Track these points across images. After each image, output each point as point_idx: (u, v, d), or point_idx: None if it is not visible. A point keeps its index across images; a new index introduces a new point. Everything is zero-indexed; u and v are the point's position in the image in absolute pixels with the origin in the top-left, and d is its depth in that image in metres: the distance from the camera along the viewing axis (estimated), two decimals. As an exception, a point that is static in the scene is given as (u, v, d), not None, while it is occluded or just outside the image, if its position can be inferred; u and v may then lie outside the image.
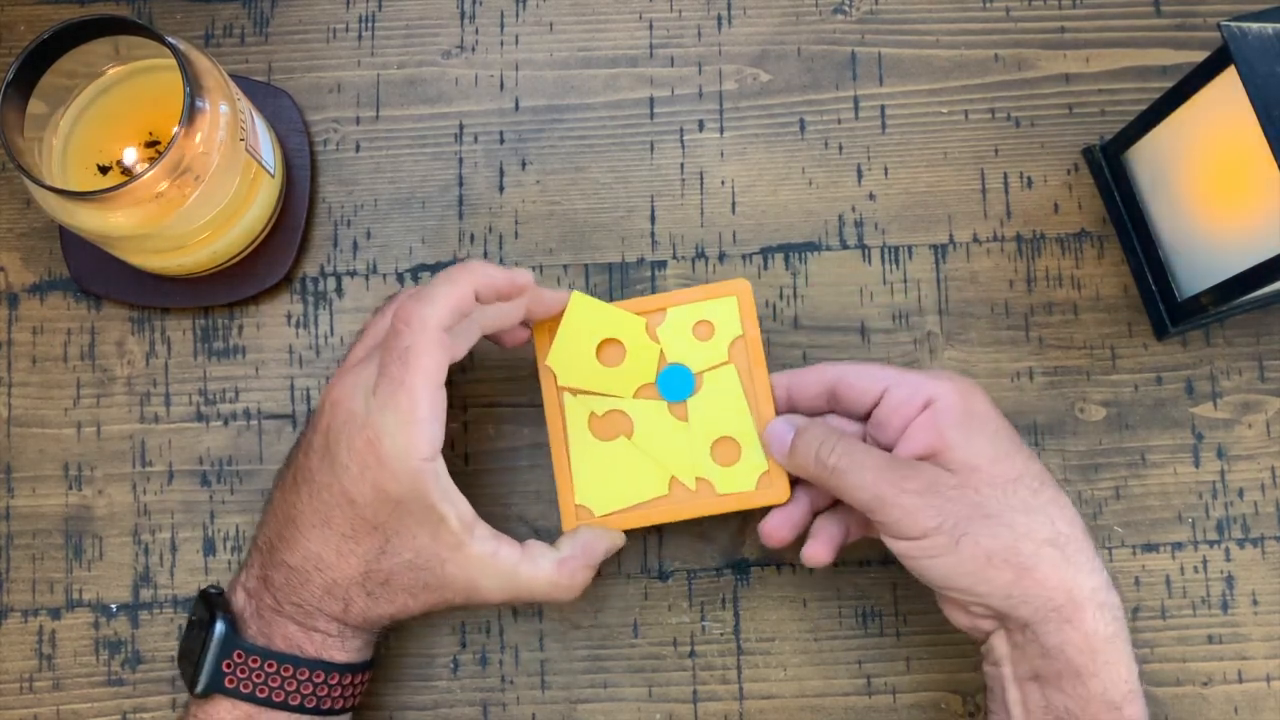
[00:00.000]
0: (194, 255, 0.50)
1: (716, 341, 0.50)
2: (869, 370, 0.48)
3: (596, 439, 0.49)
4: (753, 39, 0.57)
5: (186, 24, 0.56)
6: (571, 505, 0.49)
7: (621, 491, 0.49)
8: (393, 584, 0.44)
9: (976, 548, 0.42)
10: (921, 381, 0.46)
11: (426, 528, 0.43)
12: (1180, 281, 0.53)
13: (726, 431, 0.49)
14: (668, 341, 0.50)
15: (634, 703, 0.52)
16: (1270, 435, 0.54)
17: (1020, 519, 0.43)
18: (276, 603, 0.45)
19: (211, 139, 0.46)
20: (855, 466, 0.44)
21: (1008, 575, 0.42)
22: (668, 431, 0.49)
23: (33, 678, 0.52)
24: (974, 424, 0.45)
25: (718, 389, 0.49)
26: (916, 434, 0.45)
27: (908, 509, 0.43)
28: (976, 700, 0.52)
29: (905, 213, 0.55)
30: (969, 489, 0.43)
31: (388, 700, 0.52)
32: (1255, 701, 0.52)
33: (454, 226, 0.55)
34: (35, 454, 0.53)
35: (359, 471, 0.43)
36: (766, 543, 0.49)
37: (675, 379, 0.50)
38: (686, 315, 0.50)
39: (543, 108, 0.56)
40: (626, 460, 0.49)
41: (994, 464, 0.44)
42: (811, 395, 0.49)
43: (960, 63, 0.57)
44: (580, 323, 0.49)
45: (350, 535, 0.44)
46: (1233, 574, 0.53)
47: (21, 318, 0.55)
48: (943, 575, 0.43)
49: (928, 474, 0.44)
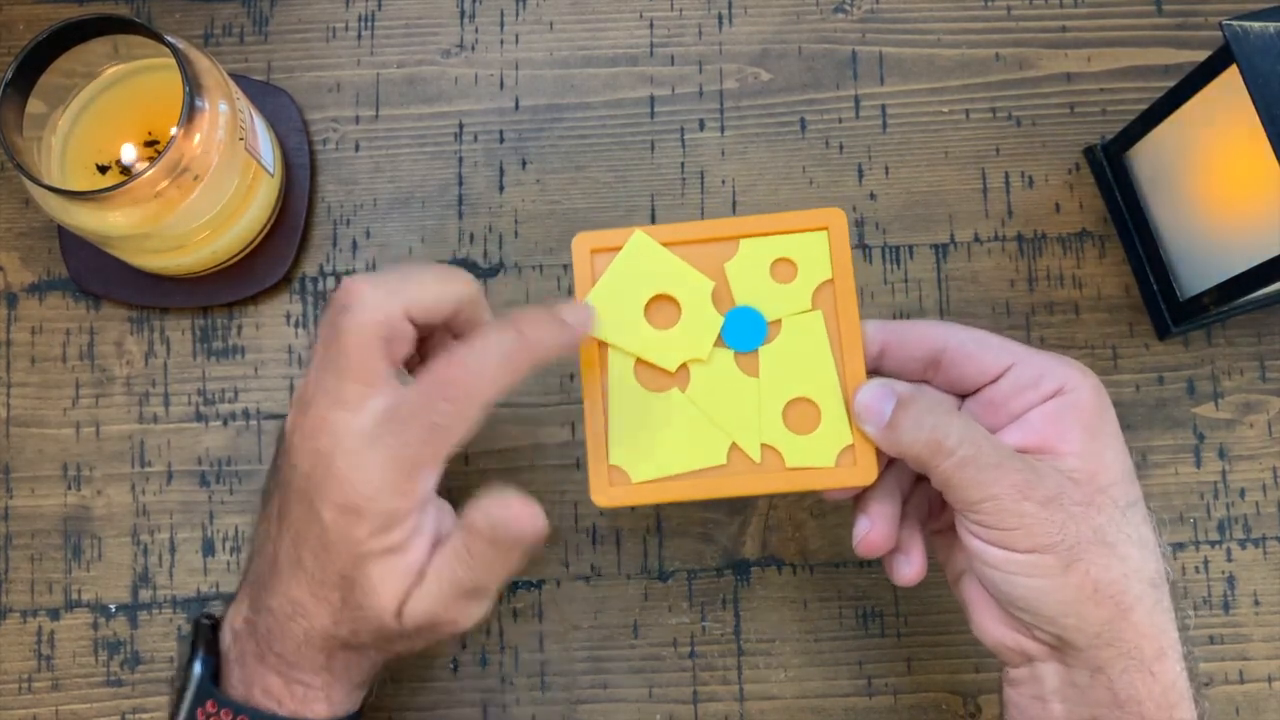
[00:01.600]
0: (193, 255, 0.50)
1: (799, 285, 0.41)
2: (990, 340, 0.40)
3: (642, 388, 0.41)
4: (753, 38, 0.57)
5: (186, 23, 0.56)
6: (604, 468, 0.41)
7: (668, 455, 0.40)
8: (361, 634, 0.40)
9: (1086, 577, 0.37)
10: (1051, 365, 0.39)
11: (387, 586, 0.39)
12: (1182, 281, 0.53)
13: (804, 392, 0.41)
14: (738, 281, 0.41)
15: (634, 703, 0.52)
16: (1272, 435, 0.54)
17: (1134, 552, 0.38)
18: (260, 650, 0.41)
19: (211, 138, 0.45)
20: (981, 458, 0.37)
21: (1106, 613, 0.37)
22: (732, 387, 0.41)
23: (31, 678, 0.52)
24: (1105, 430, 0.39)
25: (797, 339, 0.41)
26: (1036, 424, 0.39)
27: (1027, 520, 0.37)
28: (978, 701, 0.52)
29: (906, 212, 0.55)
30: (1093, 508, 0.38)
31: (387, 701, 0.52)
32: (1256, 702, 0.52)
33: (454, 226, 0.55)
34: (34, 454, 0.53)
35: (332, 518, 0.38)
36: (864, 555, 0.41)
37: (744, 324, 0.41)
38: (764, 251, 0.41)
39: (543, 107, 0.56)
40: (678, 418, 0.41)
41: (1119, 483, 0.38)
42: (912, 358, 0.41)
43: (961, 62, 0.56)
44: (635, 267, 0.41)
45: (323, 581, 0.39)
46: (1234, 574, 0.53)
47: (20, 317, 0.54)
48: (1032, 598, 0.38)
49: (1052, 481, 0.38)
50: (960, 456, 0.37)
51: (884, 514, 0.41)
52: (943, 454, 0.37)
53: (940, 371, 0.41)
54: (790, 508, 0.53)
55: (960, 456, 0.37)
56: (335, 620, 0.39)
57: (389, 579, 0.39)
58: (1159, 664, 0.38)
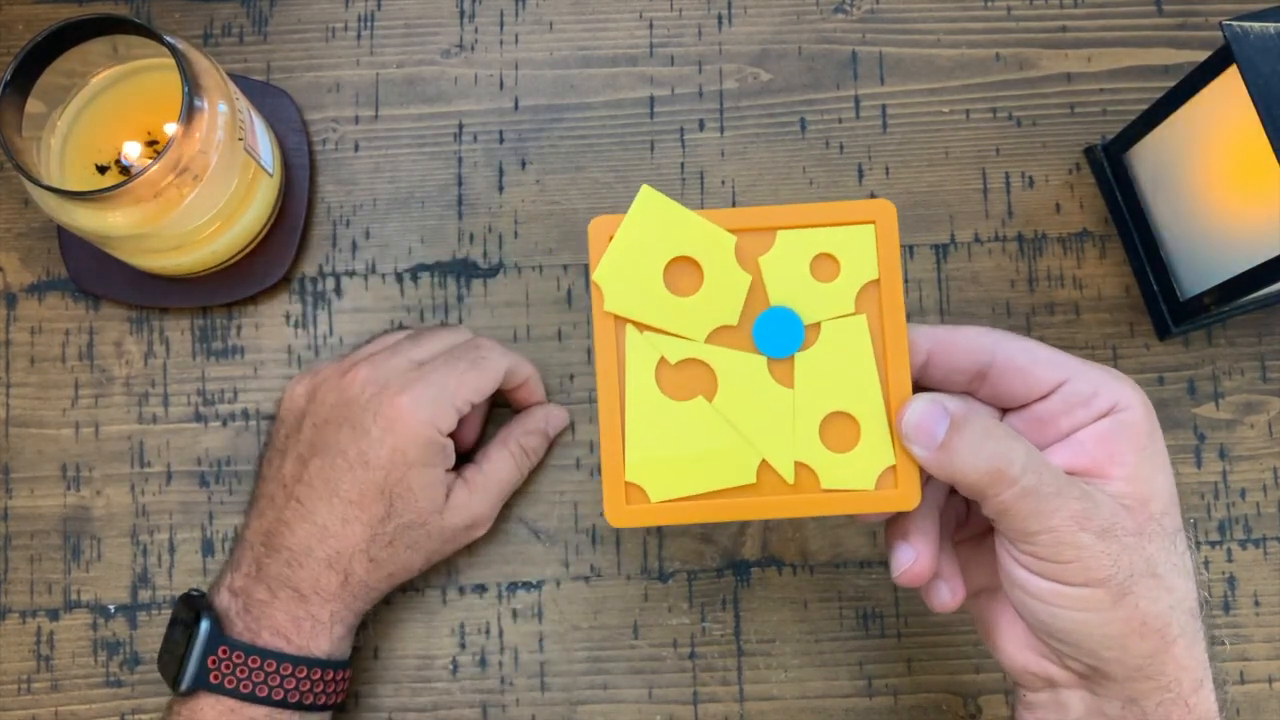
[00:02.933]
0: (192, 255, 0.50)
1: (841, 285, 0.37)
2: (1040, 353, 0.37)
3: (665, 396, 0.37)
4: (753, 38, 0.57)
5: (185, 23, 0.56)
6: (620, 483, 0.37)
7: (691, 472, 0.37)
8: (396, 544, 0.47)
9: (1135, 611, 0.35)
10: (1105, 381, 0.37)
11: (428, 493, 0.47)
12: (1182, 281, 0.53)
13: (843, 406, 0.37)
14: (773, 276, 0.37)
15: (634, 704, 0.52)
16: (1272, 435, 0.54)
17: (1180, 582, 0.36)
18: (270, 592, 0.46)
19: (210, 139, 0.45)
20: (1043, 488, 0.35)
21: (1150, 646, 0.35)
22: (764, 397, 0.37)
23: (31, 679, 0.52)
24: (1156, 453, 0.37)
25: (838, 346, 0.37)
26: (1087, 445, 0.36)
27: (1084, 552, 0.35)
28: (978, 702, 0.52)
29: (906, 212, 0.55)
30: (1144, 537, 0.36)
31: (387, 702, 0.52)
32: (1257, 703, 0.52)
33: (453, 226, 0.55)
34: (33, 454, 0.53)
35: (380, 434, 0.46)
36: (906, 585, 0.39)
37: (778, 327, 0.37)
38: (803, 244, 0.37)
39: (542, 107, 0.56)
40: (703, 430, 0.37)
41: (1168, 509, 0.37)
42: (959, 369, 0.38)
43: (961, 62, 0.56)
44: (647, 228, 0.37)
45: (356, 501, 0.46)
46: (1235, 575, 0.53)
47: (20, 318, 0.54)
48: (1077, 630, 0.36)
49: (1107, 510, 0.35)
50: (1023, 486, 0.35)
51: (928, 540, 0.39)
52: (1005, 483, 0.35)
53: (987, 384, 0.38)
54: (790, 508, 0.53)
55: (1023, 486, 0.35)
56: (372, 533, 0.47)
57: (432, 485, 0.47)
58: (1195, 696, 0.36)
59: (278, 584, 0.46)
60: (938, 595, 0.40)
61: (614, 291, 0.37)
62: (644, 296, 0.37)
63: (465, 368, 0.48)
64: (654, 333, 0.37)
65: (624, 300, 0.37)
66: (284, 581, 0.46)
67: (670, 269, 0.37)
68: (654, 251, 0.37)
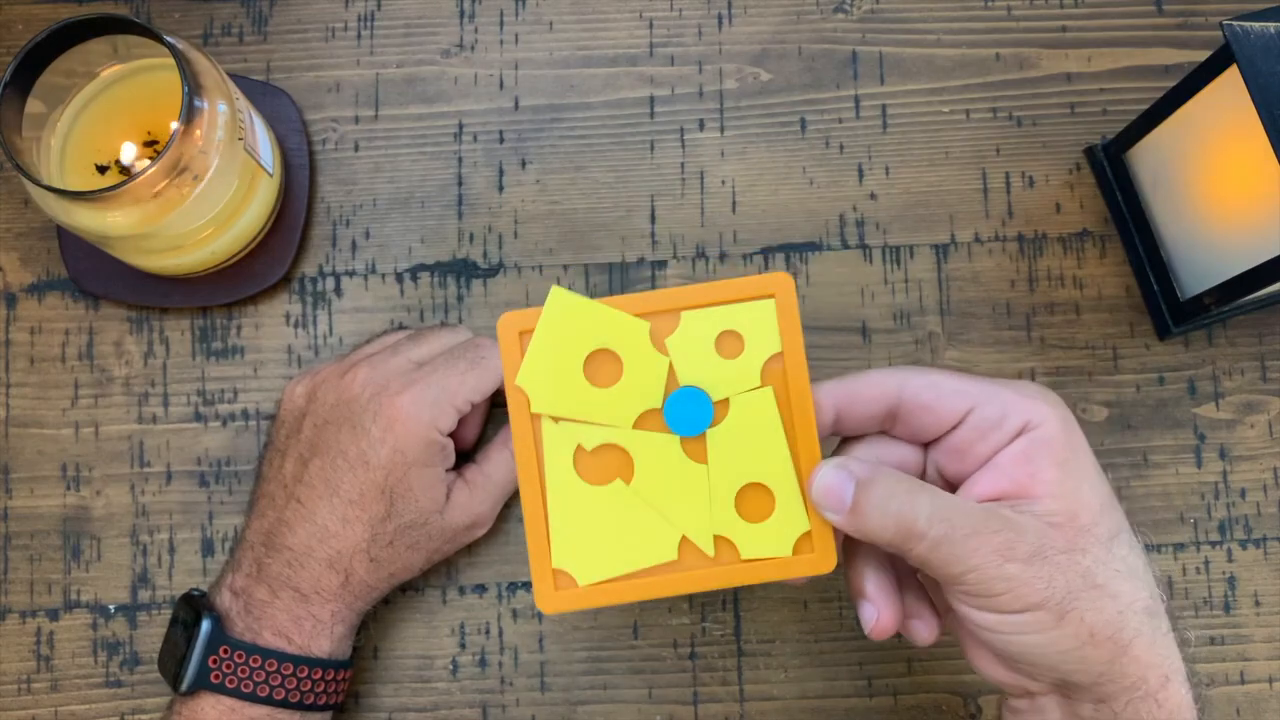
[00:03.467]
0: (192, 255, 0.50)
1: (747, 360, 0.38)
2: (948, 384, 0.38)
3: (583, 482, 0.38)
4: (753, 38, 0.57)
5: (185, 23, 0.56)
6: (548, 571, 0.38)
7: (615, 554, 0.38)
8: (396, 544, 0.47)
9: (1080, 625, 0.36)
10: (1013, 400, 0.37)
11: (428, 493, 0.47)
12: (1182, 281, 0.53)
13: (756, 477, 0.38)
14: (680, 356, 0.38)
15: (634, 704, 0.52)
16: (1272, 435, 0.54)
17: (1125, 586, 0.36)
18: (271, 592, 0.46)
19: (210, 138, 0.45)
20: (956, 534, 0.35)
21: (1106, 654, 0.36)
22: (679, 475, 0.38)
23: (30, 679, 0.52)
24: (1079, 463, 0.37)
25: (746, 420, 0.38)
26: (1005, 468, 0.37)
27: (1013, 582, 0.35)
28: (978, 701, 0.52)
29: (906, 212, 0.55)
30: (1077, 552, 0.36)
31: (387, 702, 0.52)
32: (1257, 703, 0.52)
33: (453, 226, 0.55)
34: (33, 454, 0.53)
35: (380, 434, 0.46)
36: (878, 638, 0.40)
37: (688, 405, 0.38)
38: (707, 323, 0.38)
39: (542, 107, 0.56)
40: (623, 513, 0.38)
41: (1099, 517, 0.37)
42: (869, 415, 0.39)
43: (962, 62, 0.56)
44: (562, 327, 0.38)
45: (357, 501, 0.46)
46: (1235, 575, 0.53)
47: (19, 318, 0.54)
48: (1030, 653, 0.36)
49: (1033, 534, 0.36)
50: (932, 538, 0.35)
51: (884, 593, 0.39)
52: (915, 537, 0.35)
53: (899, 422, 0.39)
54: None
55: (932, 538, 0.35)
56: (373, 533, 0.47)
57: (432, 485, 0.47)
58: (1164, 691, 0.37)
59: (279, 584, 0.46)
60: (915, 635, 0.41)
61: (539, 393, 0.38)
62: (568, 393, 0.38)
63: (465, 368, 0.48)
64: (569, 422, 0.38)
65: (550, 400, 0.38)
66: (285, 581, 0.46)
67: (590, 362, 0.38)
68: (572, 348, 0.38)
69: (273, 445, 0.49)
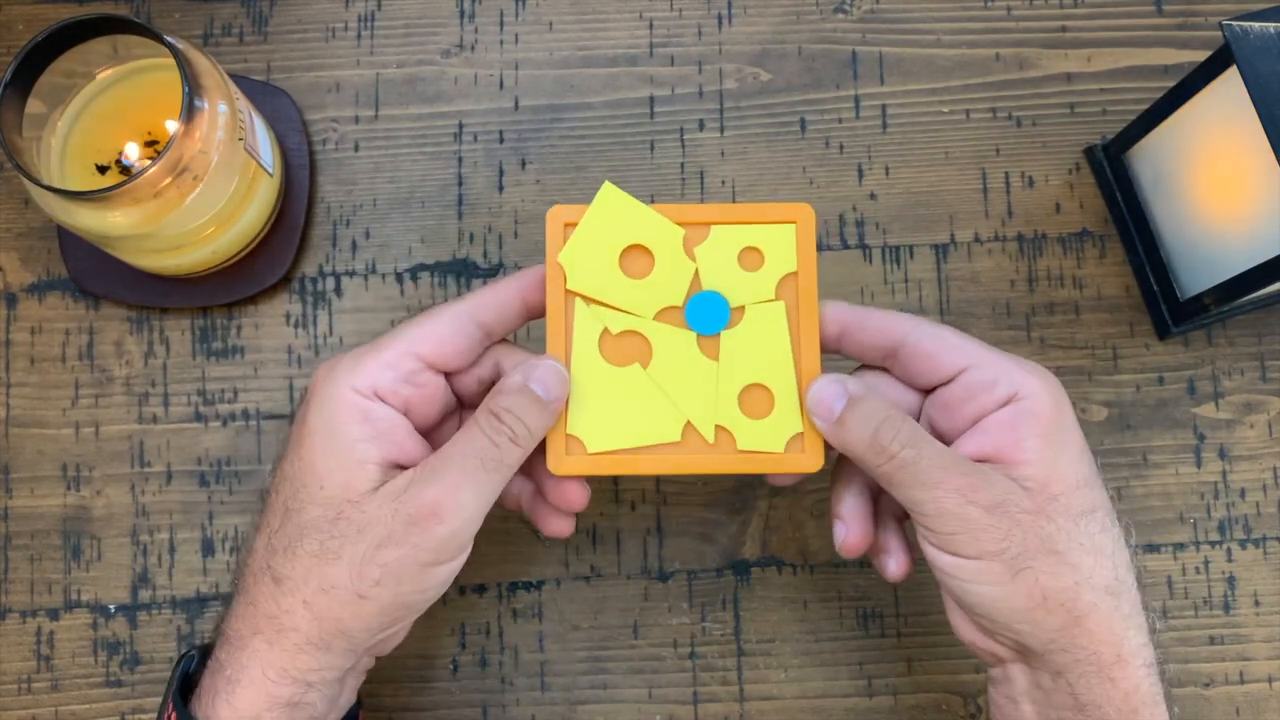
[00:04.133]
0: (192, 255, 0.50)
1: (764, 274, 0.42)
2: (948, 339, 0.40)
3: (605, 362, 0.42)
4: (753, 38, 0.57)
5: (185, 23, 0.56)
6: (562, 436, 0.41)
7: (625, 429, 0.41)
8: (299, 553, 0.37)
9: (1034, 585, 0.37)
10: (1008, 369, 0.39)
11: (335, 472, 0.37)
12: (1182, 281, 0.53)
13: (760, 379, 0.42)
14: (706, 264, 0.42)
15: (634, 704, 0.52)
16: (1272, 435, 0.54)
17: (1086, 560, 0.38)
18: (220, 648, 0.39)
19: (210, 138, 0.45)
20: (922, 461, 0.38)
21: (1059, 620, 0.37)
22: (692, 368, 0.42)
23: (30, 679, 0.52)
24: (1062, 438, 0.39)
25: (758, 327, 0.42)
26: (991, 432, 0.39)
27: (970, 524, 0.37)
28: (978, 701, 0.52)
29: (906, 212, 0.55)
30: (1042, 516, 0.37)
31: (386, 701, 0.52)
32: (1257, 703, 0.52)
33: (453, 226, 0.55)
34: (33, 454, 0.53)
35: (299, 413, 0.39)
36: (847, 555, 0.43)
37: (707, 308, 0.42)
38: (733, 238, 0.42)
39: (542, 107, 0.56)
40: (637, 393, 0.42)
41: (1073, 491, 0.38)
42: (870, 345, 0.42)
43: (962, 62, 0.56)
44: (606, 220, 0.42)
45: (265, 506, 0.40)
46: (1234, 575, 0.53)
47: (20, 318, 0.54)
48: (984, 604, 0.38)
49: (1000, 487, 0.37)
50: (901, 458, 0.38)
51: (857, 515, 0.42)
52: (885, 455, 0.38)
53: (898, 363, 0.41)
54: (790, 508, 0.53)
55: (901, 458, 0.38)
56: (269, 542, 0.38)
57: (342, 459, 0.37)
58: (1118, 670, 0.38)
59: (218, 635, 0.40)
60: (884, 566, 0.43)
61: (576, 272, 0.42)
62: (602, 278, 0.42)
63: (407, 321, 0.41)
64: (599, 306, 0.42)
65: (584, 280, 0.42)
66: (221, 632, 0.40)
67: (625, 255, 0.42)
68: (612, 240, 0.42)
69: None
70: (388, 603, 0.37)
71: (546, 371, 0.40)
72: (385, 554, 0.37)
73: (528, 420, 0.39)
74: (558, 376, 0.40)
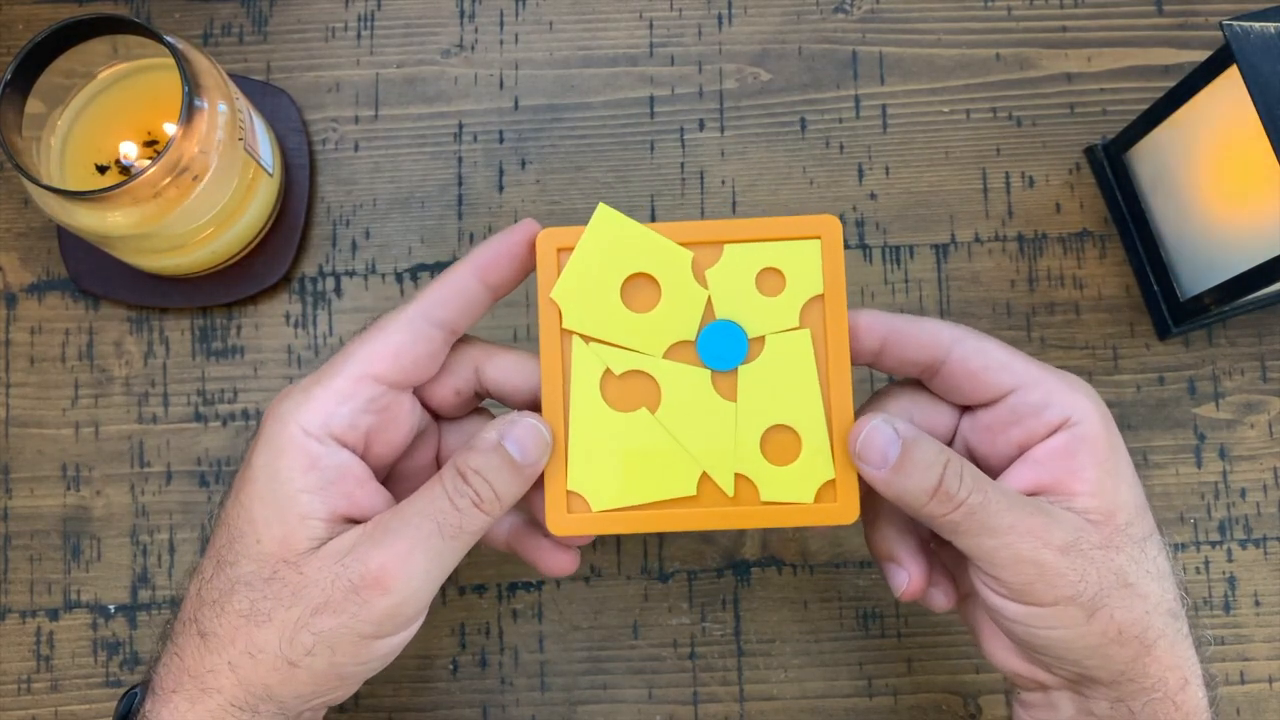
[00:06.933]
0: (192, 255, 0.50)
1: (786, 299, 0.37)
2: (993, 354, 0.37)
3: (608, 407, 0.37)
4: (753, 38, 0.57)
5: (185, 23, 0.56)
6: (562, 493, 0.37)
7: (632, 483, 0.37)
8: (227, 610, 0.34)
9: (1110, 623, 0.35)
10: (1058, 390, 0.37)
11: (273, 525, 0.34)
12: (1182, 281, 0.53)
13: (785, 419, 0.37)
14: (719, 290, 0.37)
15: (634, 704, 0.52)
16: (1273, 435, 0.54)
17: (1154, 587, 0.36)
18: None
19: (210, 138, 0.45)
20: (990, 505, 0.35)
21: (1131, 652, 0.35)
22: (706, 410, 0.37)
23: (30, 679, 0.52)
24: (1118, 463, 0.37)
25: (781, 360, 0.37)
26: (1044, 463, 0.36)
27: (1046, 570, 0.34)
28: (978, 701, 0.52)
29: (906, 212, 0.55)
30: (1111, 549, 0.35)
31: (386, 702, 0.52)
32: (1257, 703, 0.52)
33: (453, 226, 0.55)
34: (33, 454, 0.53)
35: (247, 457, 0.35)
36: (907, 601, 0.40)
37: (722, 339, 0.37)
38: (749, 258, 0.37)
39: (542, 107, 0.56)
40: (645, 442, 0.37)
41: (1135, 518, 0.36)
42: (911, 361, 0.38)
43: (962, 62, 0.56)
44: (604, 246, 0.37)
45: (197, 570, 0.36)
46: (1235, 575, 0.53)
47: (19, 318, 0.54)
48: (1055, 647, 0.36)
49: (1069, 525, 0.35)
50: (969, 504, 0.35)
51: (913, 556, 0.39)
52: (952, 503, 0.35)
53: (939, 379, 0.38)
54: (790, 508, 0.53)
55: (969, 504, 0.35)
56: (199, 592, 0.34)
57: (281, 510, 0.34)
58: (1182, 694, 0.36)
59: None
60: (934, 601, 0.40)
61: (572, 310, 0.37)
62: (603, 314, 0.37)
63: (355, 341, 0.36)
64: (600, 344, 0.37)
65: (582, 318, 0.37)
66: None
67: (627, 285, 0.37)
68: (612, 269, 0.37)
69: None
70: (321, 672, 0.34)
71: (525, 431, 0.36)
72: (321, 621, 0.33)
73: (497, 485, 0.35)
74: (536, 438, 0.36)
